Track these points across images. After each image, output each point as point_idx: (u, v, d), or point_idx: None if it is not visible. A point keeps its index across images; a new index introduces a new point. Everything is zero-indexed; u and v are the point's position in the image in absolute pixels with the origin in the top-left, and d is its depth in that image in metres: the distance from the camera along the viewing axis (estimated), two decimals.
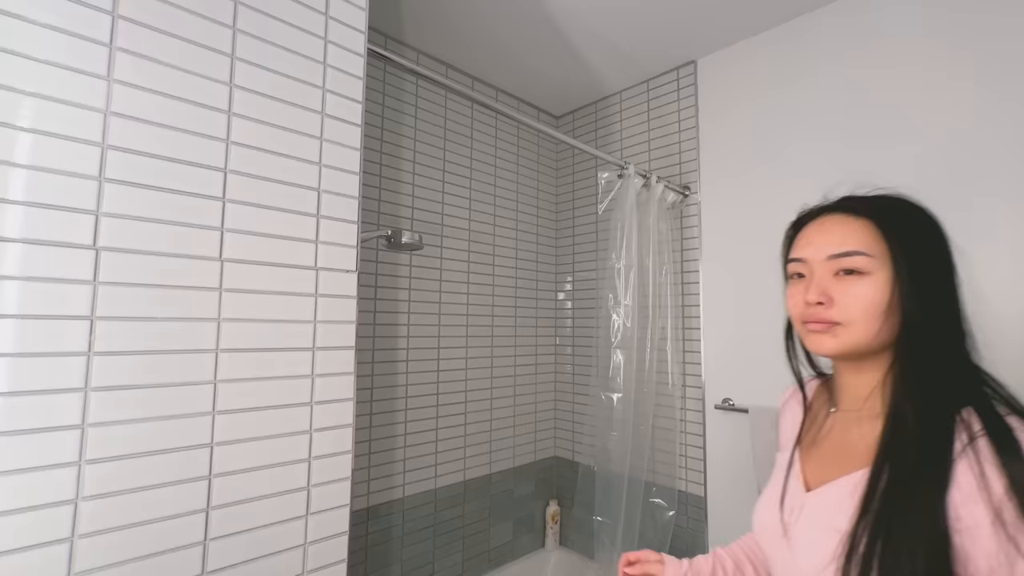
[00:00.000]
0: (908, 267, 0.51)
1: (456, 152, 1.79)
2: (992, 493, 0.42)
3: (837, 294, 0.53)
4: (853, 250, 0.52)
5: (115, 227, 0.66)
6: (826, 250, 0.54)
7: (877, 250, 0.52)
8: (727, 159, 1.61)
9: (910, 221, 0.54)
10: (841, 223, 0.55)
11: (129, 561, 0.65)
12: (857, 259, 0.52)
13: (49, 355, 0.61)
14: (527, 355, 1.99)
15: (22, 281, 0.59)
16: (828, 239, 0.54)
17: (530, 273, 2.03)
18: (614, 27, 1.54)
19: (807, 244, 0.57)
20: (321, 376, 0.84)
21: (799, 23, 1.47)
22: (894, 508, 0.46)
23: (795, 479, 0.60)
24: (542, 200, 2.11)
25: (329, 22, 0.89)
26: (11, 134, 0.59)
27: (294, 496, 0.80)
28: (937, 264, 0.54)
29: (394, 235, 1.25)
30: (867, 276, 0.52)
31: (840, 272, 0.53)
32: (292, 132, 0.83)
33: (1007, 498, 0.42)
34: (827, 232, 0.55)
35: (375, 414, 1.50)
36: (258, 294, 0.78)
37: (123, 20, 0.68)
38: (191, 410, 0.71)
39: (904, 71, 1.27)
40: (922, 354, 0.51)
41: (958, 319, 0.53)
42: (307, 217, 0.84)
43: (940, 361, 0.51)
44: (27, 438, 0.59)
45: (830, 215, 0.57)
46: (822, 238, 0.55)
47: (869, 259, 0.52)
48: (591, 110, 2.06)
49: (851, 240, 0.53)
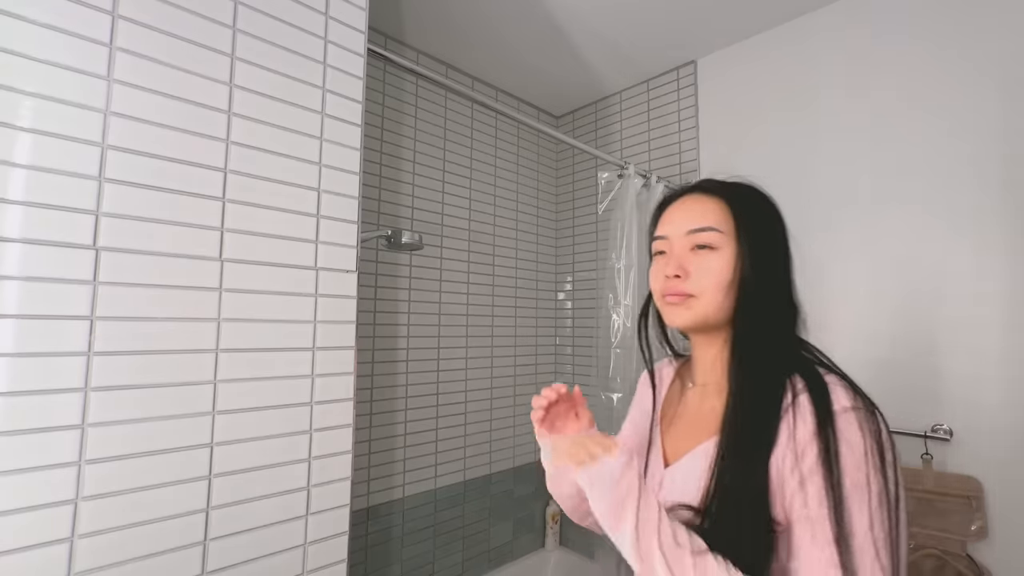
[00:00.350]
0: (749, 244, 0.56)
1: (456, 152, 1.79)
2: (798, 442, 0.48)
3: (692, 267, 0.57)
4: (708, 226, 0.57)
5: (115, 227, 0.66)
6: (685, 226, 0.59)
7: (727, 227, 0.57)
8: (727, 159, 1.61)
9: (756, 205, 0.60)
10: (699, 202, 0.60)
11: (129, 561, 0.65)
12: (710, 234, 0.57)
13: (49, 355, 0.61)
14: (527, 355, 1.99)
15: (22, 281, 0.59)
16: (687, 216, 0.59)
17: (530, 273, 2.03)
18: (614, 27, 1.54)
19: (668, 222, 0.61)
20: (321, 376, 0.84)
21: (799, 23, 1.47)
22: (730, 470, 0.51)
23: (656, 456, 0.64)
24: (542, 200, 2.11)
25: (329, 22, 0.89)
26: (11, 134, 0.59)
27: (294, 496, 0.80)
28: (774, 245, 0.59)
29: (394, 235, 1.25)
30: (717, 251, 0.57)
31: (695, 247, 0.58)
32: (292, 132, 0.83)
33: (811, 442, 0.48)
34: (687, 210, 0.60)
35: (375, 414, 1.50)
36: (258, 294, 0.78)
37: (123, 20, 0.68)
38: (191, 410, 0.71)
39: (904, 70, 1.27)
40: (755, 325, 0.56)
41: (789, 294, 0.59)
42: (307, 217, 0.84)
43: (771, 332, 0.56)
44: (27, 438, 0.59)
45: (690, 195, 0.62)
46: (682, 215, 0.60)
47: (720, 235, 0.57)
48: (591, 110, 2.06)
49: (707, 217, 0.58)
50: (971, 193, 1.16)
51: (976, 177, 1.16)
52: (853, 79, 1.35)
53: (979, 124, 1.16)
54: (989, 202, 1.14)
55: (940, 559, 1.09)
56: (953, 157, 1.19)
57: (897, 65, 1.28)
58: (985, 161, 1.15)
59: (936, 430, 1.15)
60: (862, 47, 1.34)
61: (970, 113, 1.17)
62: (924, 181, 1.22)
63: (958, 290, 1.16)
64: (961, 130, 1.18)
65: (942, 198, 1.20)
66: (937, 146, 1.21)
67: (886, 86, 1.29)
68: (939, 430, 1.14)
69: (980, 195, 1.15)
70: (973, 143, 1.16)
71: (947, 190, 1.19)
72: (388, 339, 1.54)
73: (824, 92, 1.40)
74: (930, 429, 1.15)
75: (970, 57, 1.18)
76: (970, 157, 1.17)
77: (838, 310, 1.33)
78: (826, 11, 1.41)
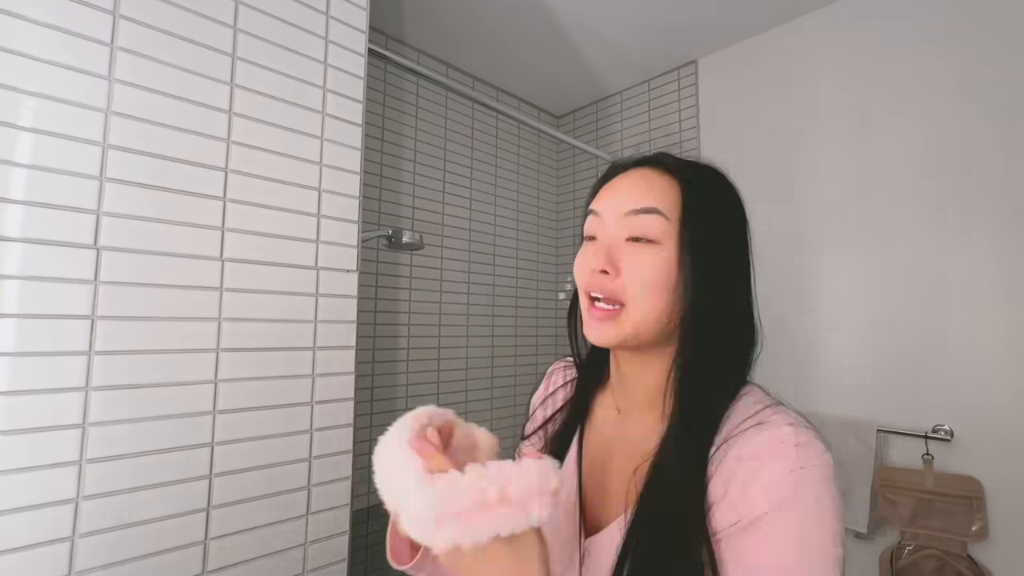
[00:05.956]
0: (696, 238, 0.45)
1: (457, 152, 1.79)
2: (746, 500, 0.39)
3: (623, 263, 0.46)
4: (650, 206, 0.45)
5: (116, 226, 0.66)
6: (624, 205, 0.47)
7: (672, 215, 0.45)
8: (728, 159, 1.60)
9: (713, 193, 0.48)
10: (646, 178, 0.47)
11: (130, 560, 0.65)
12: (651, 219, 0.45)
13: (50, 354, 0.61)
14: (528, 355, 1.99)
15: (23, 280, 0.59)
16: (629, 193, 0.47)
17: (531, 273, 2.03)
18: (615, 27, 1.54)
19: (606, 197, 0.49)
20: (321, 376, 0.84)
21: (800, 23, 1.47)
22: None
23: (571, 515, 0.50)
24: (543, 200, 2.11)
25: (330, 22, 0.89)
26: (12, 133, 0.60)
27: (294, 496, 0.80)
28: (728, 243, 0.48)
29: (394, 235, 1.25)
30: (656, 245, 0.45)
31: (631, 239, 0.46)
32: (293, 132, 0.83)
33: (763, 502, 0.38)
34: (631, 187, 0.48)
35: (375, 414, 1.50)
36: (259, 294, 0.78)
37: (124, 20, 0.68)
38: (192, 410, 0.71)
39: (904, 70, 1.27)
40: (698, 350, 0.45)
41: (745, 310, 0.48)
42: (308, 217, 0.84)
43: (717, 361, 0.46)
44: (28, 437, 0.59)
45: (637, 168, 0.49)
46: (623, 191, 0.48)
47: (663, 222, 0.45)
48: (592, 110, 2.06)
49: (651, 196, 0.46)
50: (971, 194, 1.16)
51: (976, 178, 1.15)
52: (853, 79, 1.35)
53: (979, 124, 1.16)
54: (989, 203, 1.13)
55: (941, 560, 1.08)
56: (954, 157, 1.19)
57: (897, 65, 1.28)
58: (985, 161, 1.14)
59: (937, 430, 1.15)
60: (862, 47, 1.34)
61: (970, 113, 1.17)
62: (924, 182, 1.22)
63: (958, 291, 1.16)
64: (961, 130, 1.18)
65: (942, 199, 1.19)
66: (938, 146, 1.21)
67: (886, 87, 1.29)
68: (940, 430, 1.14)
69: (980, 196, 1.15)
70: (974, 143, 1.16)
71: (947, 191, 1.19)
72: (388, 339, 1.54)
73: (824, 92, 1.40)
74: (931, 430, 1.15)
75: (969, 58, 1.18)
76: (970, 157, 1.16)
77: (838, 311, 1.33)
78: (827, 11, 1.41)
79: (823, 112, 1.40)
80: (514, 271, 1.96)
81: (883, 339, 1.25)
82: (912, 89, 1.25)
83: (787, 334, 1.37)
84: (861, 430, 1.23)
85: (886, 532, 1.20)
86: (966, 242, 1.16)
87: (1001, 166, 1.12)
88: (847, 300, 1.32)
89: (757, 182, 1.52)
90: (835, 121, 1.38)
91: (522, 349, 1.97)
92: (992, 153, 1.14)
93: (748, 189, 1.54)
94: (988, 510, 1.08)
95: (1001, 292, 1.11)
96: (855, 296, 1.31)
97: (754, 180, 1.53)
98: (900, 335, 1.23)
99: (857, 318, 1.30)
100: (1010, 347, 1.09)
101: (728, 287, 0.47)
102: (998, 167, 1.13)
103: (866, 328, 1.28)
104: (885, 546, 1.18)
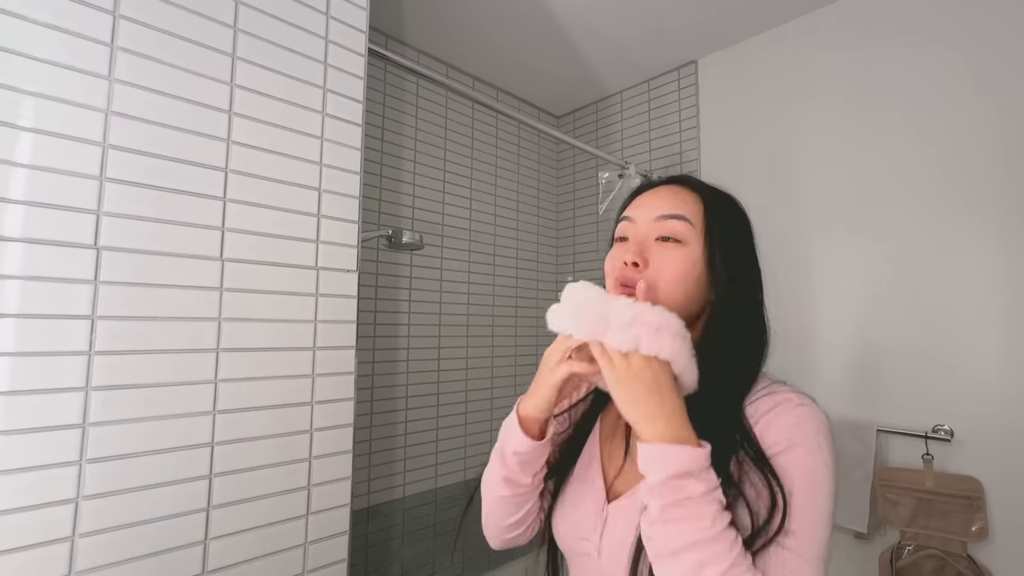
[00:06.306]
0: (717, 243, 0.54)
1: (457, 152, 1.79)
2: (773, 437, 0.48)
3: (652, 257, 0.54)
4: (679, 213, 0.54)
5: (116, 226, 0.66)
6: (655, 211, 0.56)
7: (697, 222, 0.55)
8: (728, 159, 1.61)
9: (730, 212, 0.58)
10: (675, 192, 0.58)
11: (130, 560, 0.65)
12: (679, 224, 0.54)
13: (50, 354, 0.61)
14: (528, 355, 1.99)
15: (23, 280, 0.59)
16: (660, 202, 0.57)
17: (531, 273, 2.03)
18: (615, 27, 1.54)
19: (639, 206, 0.58)
20: (321, 376, 0.84)
21: (800, 23, 1.47)
22: None
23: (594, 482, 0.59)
24: (543, 200, 2.11)
25: (330, 22, 0.89)
26: (12, 133, 0.60)
27: (294, 496, 0.80)
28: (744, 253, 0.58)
29: (394, 235, 1.25)
30: (683, 245, 0.54)
31: (660, 239, 0.55)
32: (293, 132, 0.83)
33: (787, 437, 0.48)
34: (661, 198, 0.57)
35: (375, 414, 1.50)
36: (258, 294, 0.78)
37: (124, 20, 0.68)
38: (192, 409, 0.71)
39: (904, 70, 1.27)
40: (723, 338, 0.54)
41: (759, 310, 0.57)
42: (308, 217, 0.84)
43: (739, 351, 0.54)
44: (28, 437, 0.59)
45: (667, 185, 0.60)
46: (655, 201, 0.57)
47: (689, 227, 0.54)
48: (592, 110, 2.06)
49: (680, 206, 0.55)
50: (971, 194, 1.16)
51: (975, 178, 1.15)
52: (852, 79, 1.35)
53: (979, 124, 1.16)
54: (989, 203, 1.13)
55: (941, 559, 1.08)
56: (954, 158, 1.19)
57: (896, 65, 1.28)
58: (985, 161, 1.14)
59: (937, 430, 1.15)
60: (861, 47, 1.34)
61: (969, 113, 1.17)
62: (924, 182, 1.22)
63: (958, 291, 1.16)
64: (962, 130, 1.18)
65: (942, 199, 1.19)
66: (938, 146, 1.21)
67: (885, 86, 1.29)
68: (940, 430, 1.14)
69: (979, 196, 1.15)
70: (974, 143, 1.16)
71: (947, 191, 1.19)
72: (388, 339, 1.54)
73: (824, 92, 1.40)
74: (931, 430, 1.15)
75: (968, 58, 1.18)
76: (970, 157, 1.16)
77: (837, 312, 1.33)
78: (826, 11, 1.41)
79: (822, 112, 1.40)
80: (514, 271, 1.96)
81: (883, 339, 1.25)
82: (911, 88, 1.25)
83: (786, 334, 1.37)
84: (861, 430, 1.23)
85: (886, 532, 1.20)
86: (967, 242, 1.16)
87: (1005, 163, 1.12)
88: (846, 299, 1.32)
89: (757, 181, 1.52)
90: (835, 121, 1.38)
91: (522, 349, 1.97)
92: (993, 151, 1.14)
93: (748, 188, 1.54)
94: (988, 510, 1.08)
95: (1001, 292, 1.11)
96: (854, 295, 1.31)
97: (754, 179, 1.53)
98: (900, 335, 1.23)
99: (857, 318, 1.30)
100: (1010, 347, 1.09)
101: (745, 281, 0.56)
102: (998, 166, 1.13)
103: (866, 328, 1.28)
104: (885, 546, 1.18)
